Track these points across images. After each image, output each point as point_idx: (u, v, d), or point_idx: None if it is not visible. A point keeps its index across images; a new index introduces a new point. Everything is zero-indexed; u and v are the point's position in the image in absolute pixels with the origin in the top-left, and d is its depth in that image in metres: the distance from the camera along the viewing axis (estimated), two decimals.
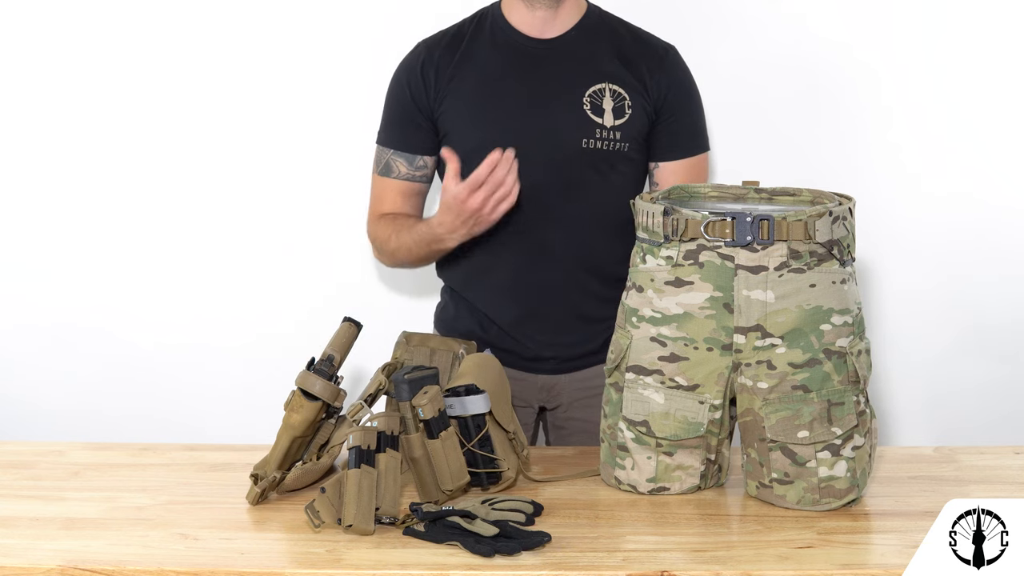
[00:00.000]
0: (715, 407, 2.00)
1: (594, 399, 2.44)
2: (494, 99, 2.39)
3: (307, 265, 3.09)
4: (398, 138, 2.46)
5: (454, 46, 2.44)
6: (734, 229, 1.94)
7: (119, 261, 3.10)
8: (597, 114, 2.38)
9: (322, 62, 3.01)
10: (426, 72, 2.43)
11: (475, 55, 2.42)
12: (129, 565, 1.77)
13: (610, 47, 2.43)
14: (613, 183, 2.41)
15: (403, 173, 2.47)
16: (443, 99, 2.41)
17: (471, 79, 2.41)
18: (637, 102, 2.40)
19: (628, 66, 2.42)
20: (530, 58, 2.41)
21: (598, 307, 2.44)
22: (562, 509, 1.98)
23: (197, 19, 3.01)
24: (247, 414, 3.07)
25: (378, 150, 2.50)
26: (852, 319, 1.98)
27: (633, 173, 2.44)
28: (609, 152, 2.39)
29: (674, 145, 2.45)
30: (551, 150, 2.37)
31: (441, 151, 2.28)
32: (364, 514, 1.86)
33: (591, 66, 2.41)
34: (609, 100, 2.39)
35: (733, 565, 1.76)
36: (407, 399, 2.00)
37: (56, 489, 2.09)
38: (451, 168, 2.22)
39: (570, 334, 2.45)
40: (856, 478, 1.97)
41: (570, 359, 2.47)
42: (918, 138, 2.97)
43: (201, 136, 3.05)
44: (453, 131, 2.41)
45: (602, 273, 2.43)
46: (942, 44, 2.94)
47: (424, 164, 2.47)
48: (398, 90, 2.46)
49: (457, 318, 2.50)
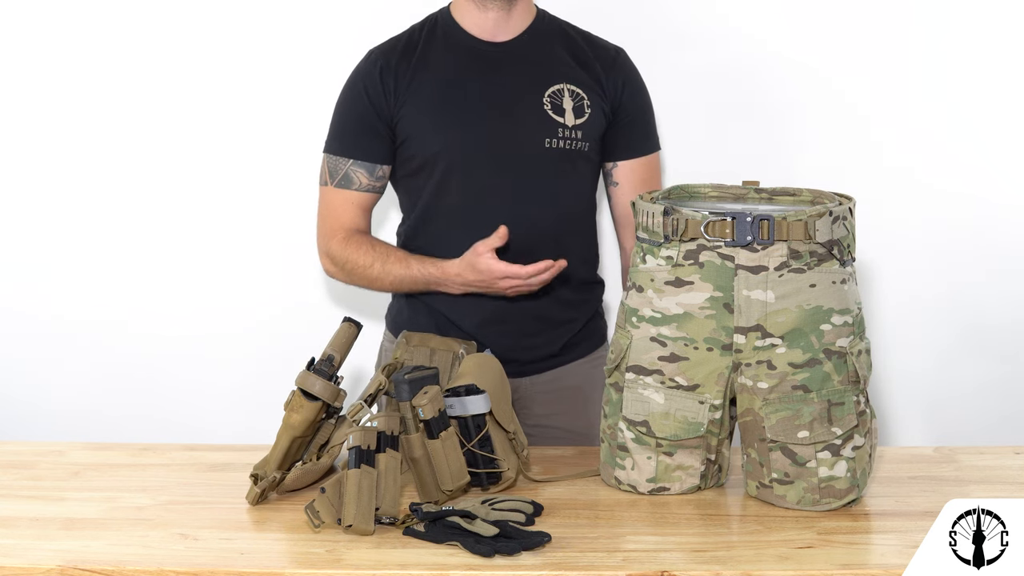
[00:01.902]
0: (715, 407, 2.00)
1: (559, 402, 2.44)
2: (454, 103, 2.38)
3: (307, 265, 3.08)
4: (357, 147, 2.42)
5: (408, 52, 2.42)
6: (734, 229, 1.94)
7: (119, 262, 3.10)
8: (558, 114, 2.38)
9: (323, 61, 3.01)
10: (385, 79, 2.40)
11: (431, 60, 2.41)
12: (129, 565, 1.77)
13: (563, 49, 2.43)
14: (573, 183, 2.41)
15: (364, 184, 2.43)
16: (402, 105, 2.39)
17: (429, 84, 2.39)
18: (595, 102, 2.40)
19: (583, 67, 2.42)
20: (487, 60, 2.40)
21: (560, 310, 2.44)
22: (562, 509, 1.98)
23: (199, 17, 3.01)
24: (247, 414, 3.07)
25: (331, 160, 2.45)
26: (852, 319, 1.98)
27: (590, 173, 2.45)
28: (571, 151, 2.39)
29: (632, 144, 2.45)
30: (514, 151, 2.37)
31: (499, 229, 2.24)
32: (364, 514, 1.86)
33: (548, 67, 2.40)
34: (569, 100, 2.39)
35: (733, 565, 1.76)
36: (407, 399, 2.00)
37: (56, 489, 2.09)
38: (496, 240, 2.23)
39: (531, 337, 2.44)
40: (856, 478, 1.97)
41: (531, 361, 2.46)
42: (918, 138, 2.97)
43: (201, 137, 3.05)
44: (413, 136, 2.39)
45: (569, 275, 2.41)
46: (943, 43, 2.94)
47: (383, 174, 2.44)
48: (355, 98, 2.42)
49: (413, 321, 2.46)
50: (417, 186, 2.43)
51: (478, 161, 2.37)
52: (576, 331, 2.48)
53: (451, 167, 2.38)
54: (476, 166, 2.37)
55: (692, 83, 2.91)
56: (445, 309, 2.42)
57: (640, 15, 2.92)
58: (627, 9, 2.91)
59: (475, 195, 2.38)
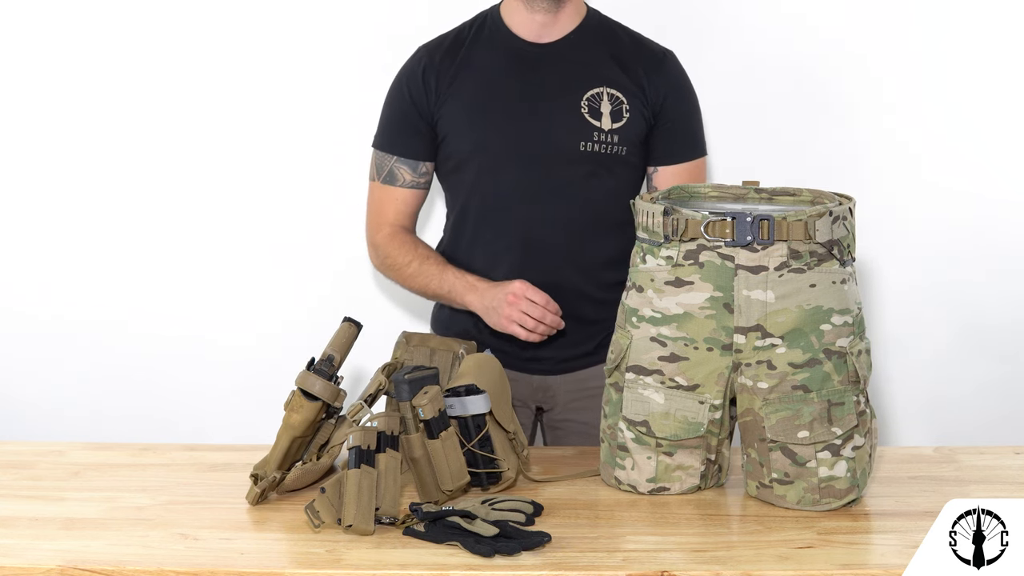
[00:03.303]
0: (715, 407, 2.00)
1: (589, 400, 2.44)
2: (491, 102, 2.40)
3: (307, 265, 3.09)
4: (401, 144, 2.46)
5: (454, 51, 2.44)
6: (734, 229, 1.94)
7: (120, 262, 3.10)
8: (595, 117, 2.38)
9: (325, 63, 3.01)
10: (427, 77, 2.43)
11: (474, 59, 2.42)
12: (129, 565, 1.77)
13: (608, 51, 2.43)
14: (610, 186, 2.41)
15: (408, 181, 2.47)
16: (443, 103, 2.41)
17: (470, 83, 2.41)
18: (635, 106, 2.40)
19: (626, 70, 2.42)
20: (528, 61, 2.41)
21: (594, 309, 2.45)
22: (562, 509, 1.98)
23: (204, 15, 3.01)
24: (247, 414, 3.07)
25: (378, 156, 2.49)
26: (852, 319, 1.98)
27: (630, 177, 2.45)
28: (606, 155, 2.39)
29: (672, 150, 2.45)
30: (548, 152, 2.38)
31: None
32: (364, 514, 1.86)
33: (589, 70, 2.41)
34: (607, 104, 2.39)
35: (733, 565, 1.76)
36: (407, 399, 2.00)
37: (56, 489, 2.09)
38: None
39: (565, 335, 2.45)
40: (856, 478, 1.97)
41: (565, 360, 2.47)
42: (918, 138, 2.97)
43: (202, 138, 3.05)
44: (451, 134, 2.41)
45: (598, 276, 2.43)
46: (942, 43, 2.94)
47: (426, 170, 2.47)
48: (399, 96, 2.46)
49: (453, 318, 2.50)
50: (455, 184, 2.46)
51: (511, 161, 2.38)
52: (610, 330, 2.48)
53: (484, 166, 2.40)
54: (508, 166, 2.39)
55: (692, 83, 2.91)
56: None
57: (640, 15, 2.92)
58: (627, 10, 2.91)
59: (507, 195, 2.40)
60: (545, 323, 2.30)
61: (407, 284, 2.49)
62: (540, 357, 2.45)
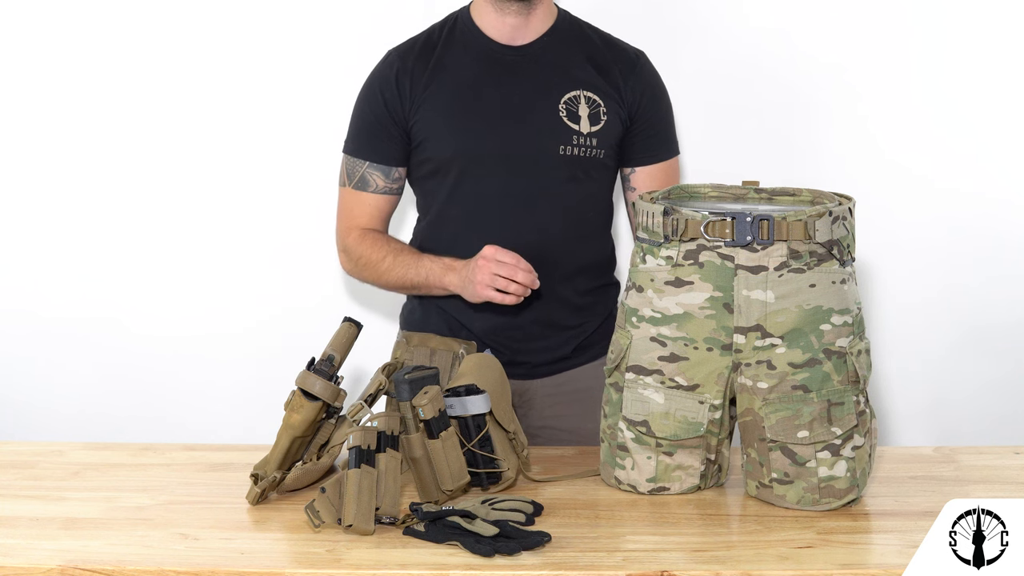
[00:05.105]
0: (715, 407, 2.00)
1: (568, 405, 2.44)
2: (469, 108, 2.38)
3: (307, 266, 3.09)
4: (373, 150, 2.43)
5: (426, 54, 2.41)
6: (734, 229, 1.94)
7: (120, 262, 3.10)
8: (573, 121, 2.37)
9: (325, 61, 3.01)
10: (401, 81, 2.40)
11: (448, 63, 2.40)
12: (129, 565, 1.77)
13: (583, 53, 2.42)
14: (588, 190, 2.41)
15: (380, 186, 2.44)
16: (418, 108, 2.39)
17: (446, 87, 2.39)
18: (612, 108, 2.40)
19: (602, 72, 2.41)
20: (504, 65, 2.40)
21: (569, 314, 2.44)
22: (562, 509, 1.98)
23: (203, 14, 3.01)
24: (247, 414, 3.07)
25: (349, 161, 2.46)
26: (852, 319, 1.98)
27: (606, 179, 2.45)
28: (585, 158, 2.38)
29: (649, 150, 2.45)
30: (528, 157, 2.37)
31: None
32: (364, 514, 1.86)
33: (565, 73, 2.40)
34: (584, 107, 2.38)
35: (733, 565, 1.76)
36: (407, 399, 2.00)
37: (56, 489, 2.09)
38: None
39: (541, 340, 2.44)
40: (856, 478, 1.97)
41: (543, 364, 2.46)
42: (918, 138, 2.97)
43: (203, 138, 3.05)
44: (428, 140, 2.39)
45: (575, 281, 2.43)
46: (943, 43, 2.94)
47: (399, 176, 2.45)
48: (372, 100, 2.42)
49: (425, 321, 2.47)
50: (432, 188, 2.44)
51: (491, 166, 2.37)
52: (588, 334, 2.47)
53: (464, 171, 2.38)
54: (488, 171, 2.37)
55: (691, 83, 2.91)
56: (456, 311, 2.43)
57: (637, 15, 2.92)
58: (625, 9, 2.91)
59: (487, 200, 2.38)
60: (517, 280, 2.22)
61: (383, 280, 2.44)
62: (517, 362, 2.40)
